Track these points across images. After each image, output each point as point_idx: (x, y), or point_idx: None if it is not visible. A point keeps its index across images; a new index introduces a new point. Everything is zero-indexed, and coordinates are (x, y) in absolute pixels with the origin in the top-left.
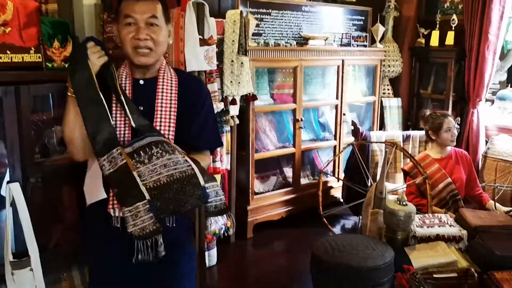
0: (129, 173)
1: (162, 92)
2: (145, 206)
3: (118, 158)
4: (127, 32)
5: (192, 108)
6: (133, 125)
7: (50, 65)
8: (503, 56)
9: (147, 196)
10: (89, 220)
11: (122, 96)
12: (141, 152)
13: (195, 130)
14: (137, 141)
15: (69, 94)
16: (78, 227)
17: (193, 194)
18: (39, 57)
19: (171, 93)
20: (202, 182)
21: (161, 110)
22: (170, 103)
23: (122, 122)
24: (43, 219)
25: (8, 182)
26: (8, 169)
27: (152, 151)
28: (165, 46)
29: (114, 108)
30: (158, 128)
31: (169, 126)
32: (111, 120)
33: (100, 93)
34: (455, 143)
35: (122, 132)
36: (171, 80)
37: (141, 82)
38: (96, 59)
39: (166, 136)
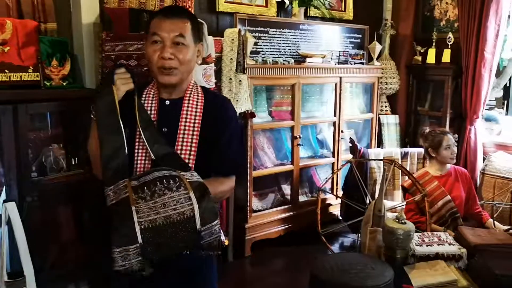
0: (128, 209)
1: (187, 114)
2: (136, 250)
3: (122, 190)
4: (152, 50)
5: (216, 130)
6: (153, 157)
7: (48, 84)
8: (499, 73)
9: (140, 240)
10: None
11: (141, 129)
12: (145, 187)
13: (218, 153)
14: (144, 176)
15: (92, 117)
16: (76, 246)
17: (185, 240)
18: (37, 76)
19: (195, 116)
20: (198, 225)
21: (184, 133)
22: (193, 126)
23: (144, 153)
24: (40, 239)
25: (4, 201)
26: (4, 188)
27: (156, 188)
28: (192, 66)
29: (137, 138)
30: (179, 151)
31: (190, 150)
32: (126, 149)
33: (120, 120)
34: (454, 161)
35: (143, 163)
36: (197, 102)
37: (167, 102)
38: (121, 84)
39: (187, 159)
